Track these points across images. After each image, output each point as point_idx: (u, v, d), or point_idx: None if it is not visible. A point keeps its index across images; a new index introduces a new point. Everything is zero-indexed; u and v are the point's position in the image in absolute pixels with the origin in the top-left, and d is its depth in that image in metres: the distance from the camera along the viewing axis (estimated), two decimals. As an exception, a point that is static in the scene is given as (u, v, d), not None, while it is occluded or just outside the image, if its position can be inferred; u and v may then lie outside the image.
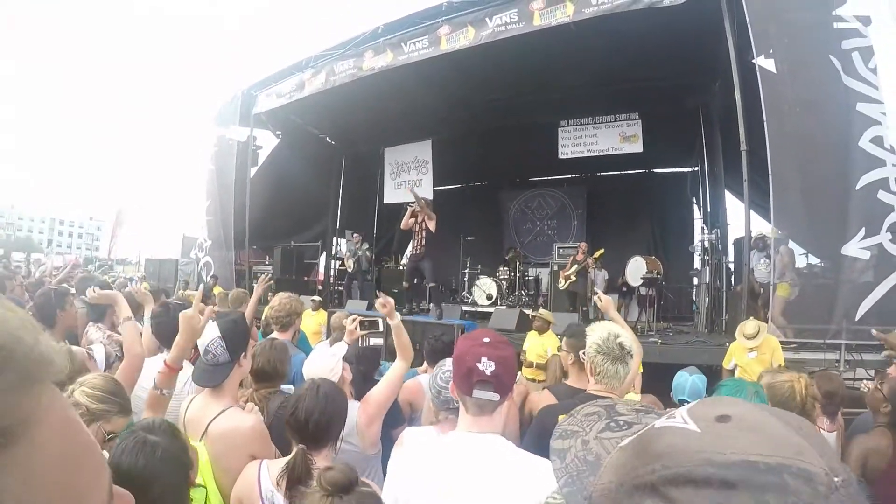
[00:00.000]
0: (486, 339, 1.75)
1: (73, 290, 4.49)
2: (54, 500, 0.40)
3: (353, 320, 3.69)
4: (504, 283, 12.92)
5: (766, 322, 6.80)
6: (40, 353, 0.41)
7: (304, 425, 2.12)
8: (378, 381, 3.01)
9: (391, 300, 2.98)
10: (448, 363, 2.55)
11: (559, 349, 3.91)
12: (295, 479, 1.92)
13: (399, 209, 14.43)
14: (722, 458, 0.48)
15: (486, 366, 1.67)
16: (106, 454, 1.60)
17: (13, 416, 0.38)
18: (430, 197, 13.55)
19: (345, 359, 2.81)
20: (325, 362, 2.69)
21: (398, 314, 2.96)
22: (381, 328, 3.80)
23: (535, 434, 2.59)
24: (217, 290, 10.72)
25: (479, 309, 12.02)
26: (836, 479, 0.46)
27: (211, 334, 2.38)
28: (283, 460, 2.10)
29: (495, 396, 1.69)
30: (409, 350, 2.89)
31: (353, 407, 2.71)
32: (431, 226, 9.52)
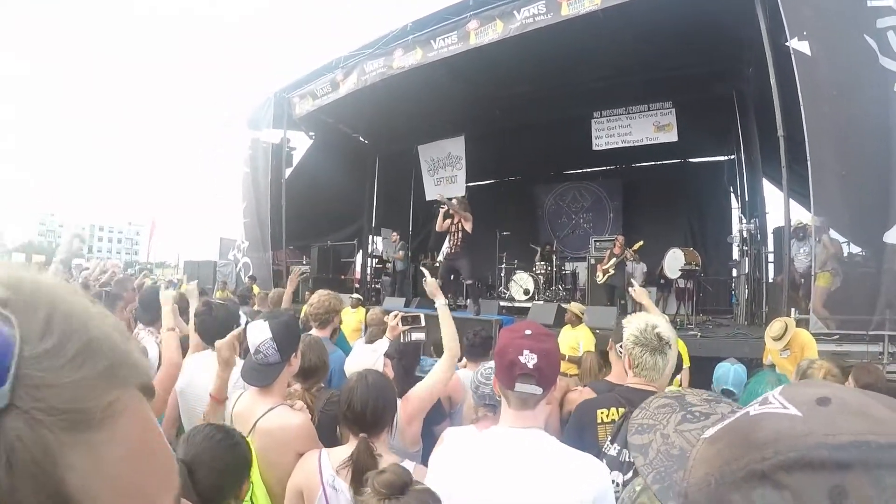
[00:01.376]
0: (528, 332, 1.73)
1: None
2: (121, 496, 0.42)
3: (395, 316, 3.75)
4: (541, 277, 12.82)
5: (808, 313, 6.68)
6: (128, 356, 0.45)
7: (362, 414, 2.15)
8: (419, 376, 3.03)
9: (435, 281, 3.24)
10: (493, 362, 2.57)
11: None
12: (361, 469, 1.97)
13: (434, 205, 14.48)
14: (834, 440, 0.48)
15: (529, 358, 1.65)
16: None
17: (95, 402, 0.40)
18: (462, 193, 13.52)
19: (386, 355, 2.84)
20: (365, 359, 2.72)
21: (442, 296, 3.16)
22: (423, 323, 3.83)
23: (574, 428, 2.59)
24: (256, 289, 10.87)
25: (517, 304, 11.94)
26: None
27: (262, 335, 2.40)
28: (342, 448, 2.15)
29: (538, 390, 1.67)
30: (455, 339, 2.94)
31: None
32: (468, 227, 9.46)
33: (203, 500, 1.68)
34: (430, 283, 3.28)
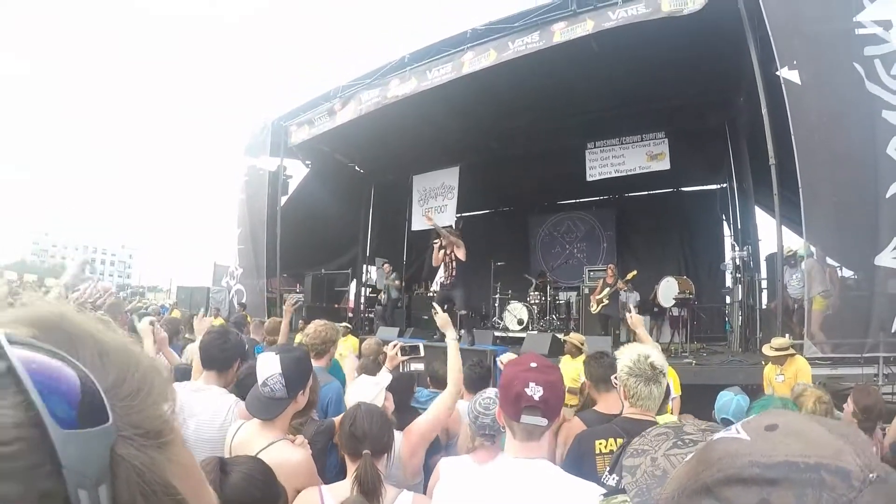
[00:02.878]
0: (534, 364, 1.75)
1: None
2: (198, 486, 0.49)
3: (394, 346, 3.73)
4: (535, 307, 12.83)
5: (803, 339, 6.71)
6: (161, 375, 0.49)
7: (368, 432, 2.19)
8: (413, 407, 3.02)
9: (446, 315, 3.28)
10: (490, 391, 2.58)
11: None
12: (368, 485, 2.01)
13: (428, 235, 14.47)
14: (767, 459, 0.55)
15: (535, 391, 1.67)
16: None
17: (165, 422, 0.45)
18: (451, 222, 13.55)
19: (388, 388, 2.85)
20: (367, 391, 2.71)
21: (453, 330, 3.18)
22: (422, 353, 3.82)
23: (573, 458, 2.59)
24: (249, 317, 10.80)
25: (511, 334, 11.93)
26: (871, 475, 0.51)
27: (272, 369, 2.37)
28: (342, 484, 2.16)
29: (543, 421, 1.69)
30: (459, 373, 2.94)
31: (397, 437, 2.73)
32: (461, 254, 9.40)
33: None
34: (442, 318, 3.31)
